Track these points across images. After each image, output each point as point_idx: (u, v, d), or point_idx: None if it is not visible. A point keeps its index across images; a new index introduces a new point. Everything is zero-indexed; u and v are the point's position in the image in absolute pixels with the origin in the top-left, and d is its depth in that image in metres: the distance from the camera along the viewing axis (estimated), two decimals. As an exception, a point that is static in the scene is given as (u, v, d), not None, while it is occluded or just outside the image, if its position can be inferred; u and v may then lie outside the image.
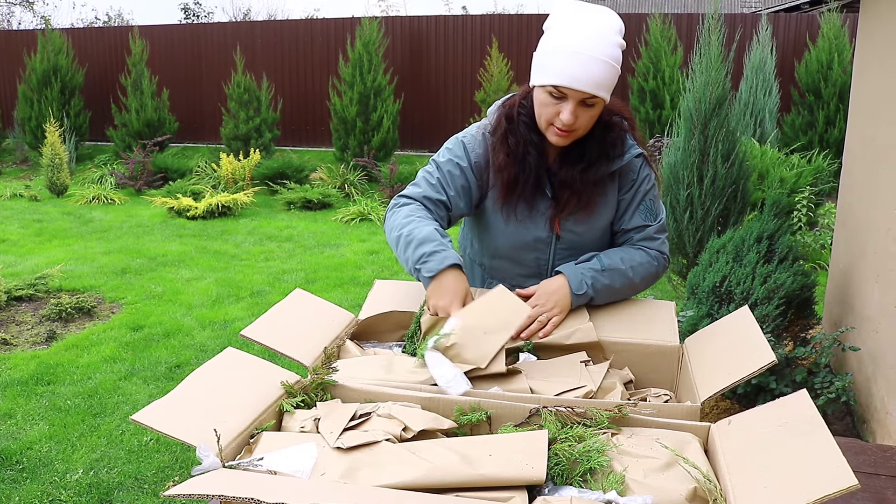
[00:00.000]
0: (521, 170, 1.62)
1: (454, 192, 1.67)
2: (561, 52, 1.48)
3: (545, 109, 1.55)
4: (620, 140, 1.65)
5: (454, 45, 10.69)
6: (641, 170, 1.69)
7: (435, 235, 1.51)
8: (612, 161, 1.64)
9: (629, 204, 1.70)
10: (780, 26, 9.56)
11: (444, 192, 1.67)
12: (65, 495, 2.69)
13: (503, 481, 1.02)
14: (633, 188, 1.69)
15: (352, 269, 5.83)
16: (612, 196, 1.69)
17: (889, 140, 2.91)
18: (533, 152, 1.62)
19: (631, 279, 1.65)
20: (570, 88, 1.48)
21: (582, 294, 1.59)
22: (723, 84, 4.17)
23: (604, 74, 1.48)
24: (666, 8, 17.27)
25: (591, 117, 1.55)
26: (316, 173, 9.63)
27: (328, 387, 1.31)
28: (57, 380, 3.67)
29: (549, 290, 1.60)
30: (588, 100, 1.51)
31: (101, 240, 6.72)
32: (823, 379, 2.90)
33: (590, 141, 1.62)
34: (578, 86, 1.47)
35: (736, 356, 1.34)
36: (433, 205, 1.66)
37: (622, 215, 1.72)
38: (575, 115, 1.51)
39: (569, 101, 1.50)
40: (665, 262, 1.73)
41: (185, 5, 24.53)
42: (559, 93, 1.51)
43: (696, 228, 4.25)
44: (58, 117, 10.30)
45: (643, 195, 1.70)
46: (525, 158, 1.62)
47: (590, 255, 1.67)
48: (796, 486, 0.94)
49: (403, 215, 1.60)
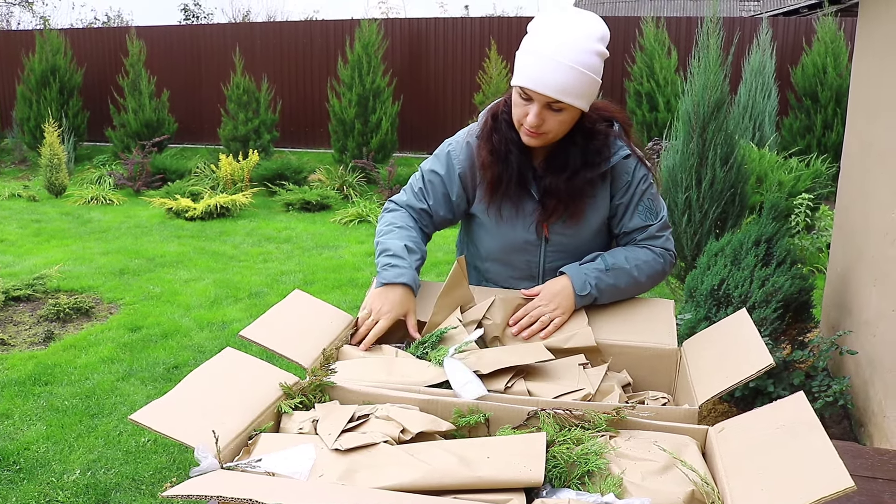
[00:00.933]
0: (504, 168, 1.64)
1: (434, 202, 1.75)
2: (530, 55, 1.50)
3: (516, 109, 1.58)
4: (606, 146, 1.64)
5: (453, 47, 10.70)
6: (636, 171, 1.68)
7: (402, 252, 1.62)
8: (596, 166, 1.63)
9: (627, 206, 1.70)
10: (777, 30, 9.58)
11: (425, 201, 1.75)
12: (62, 496, 2.68)
13: (501, 483, 1.02)
14: (630, 190, 1.69)
15: (350, 270, 5.84)
16: (602, 199, 1.69)
17: (887, 144, 2.92)
18: (515, 151, 1.63)
19: (636, 278, 1.65)
20: (533, 91, 1.49)
21: (585, 295, 1.60)
22: (721, 87, 4.18)
23: (570, 81, 1.47)
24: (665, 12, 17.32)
25: (560, 122, 1.54)
26: (314, 175, 9.63)
27: (326, 388, 1.31)
28: (54, 380, 3.67)
29: (553, 291, 1.61)
30: (553, 104, 1.50)
31: (99, 240, 6.72)
32: (821, 382, 2.90)
33: (573, 149, 1.62)
34: (540, 89, 1.48)
35: (734, 359, 1.34)
36: (416, 213, 1.77)
37: (621, 218, 1.71)
38: (541, 117, 1.52)
39: (534, 104, 1.51)
40: (671, 258, 1.73)
41: (185, 6, 24.54)
42: (525, 94, 1.52)
43: (694, 231, 4.26)
44: (56, 118, 10.29)
45: (640, 195, 1.69)
46: (507, 157, 1.64)
47: (594, 255, 1.68)
48: (793, 488, 0.94)
49: (386, 222, 1.73)
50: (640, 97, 9.19)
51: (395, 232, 1.69)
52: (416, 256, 1.64)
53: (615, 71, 9.61)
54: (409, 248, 1.64)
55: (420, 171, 1.78)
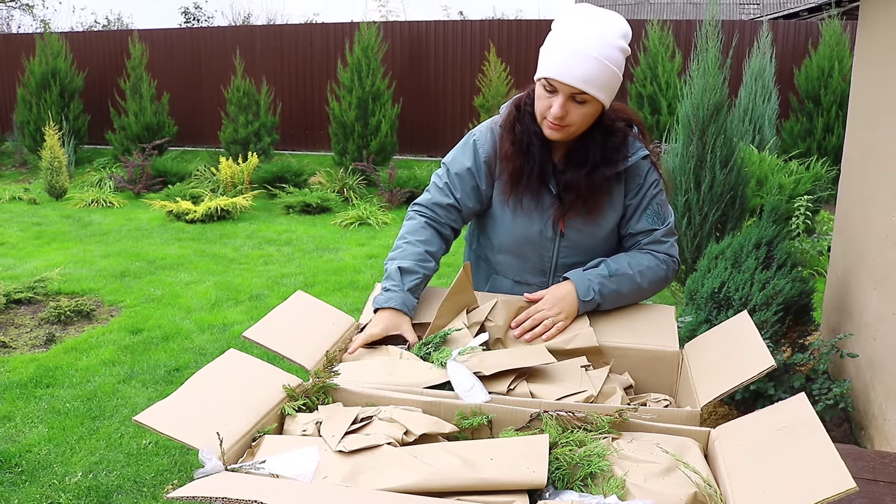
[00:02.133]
0: (526, 161, 1.66)
1: (462, 194, 1.74)
2: (557, 48, 1.52)
3: (540, 102, 1.59)
4: (624, 145, 1.66)
5: (453, 50, 10.71)
6: (649, 174, 1.71)
7: (396, 275, 1.62)
8: (615, 164, 1.65)
9: (636, 208, 1.71)
10: (778, 33, 9.59)
11: (451, 195, 1.74)
12: (63, 498, 2.68)
13: (504, 485, 1.03)
14: (641, 192, 1.71)
15: (351, 273, 5.84)
16: (617, 199, 1.71)
17: (887, 148, 2.92)
18: (536, 143, 1.65)
19: (639, 284, 1.66)
20: (558, 81, 1.52)
21: (589, 300, 1.61)
22: (720, 90, 4.19)
23: (595, 72, 1.50)
24: (665, 14, 17.33)
25: (583, 115, 1.57)
26: (315, 177, 9.63)
27: (329, 390, 1.31)
28: (56, 383, 3.67)
29: (557, 296, 1.62)
30: (577, 95, 1.53)
31: (99, 243, 6.72)
32: (821, 385, 2.90)
33: (593, 144, 1.64)
34: (566, 79, 1.50)
35: (735, 361, 1.35)
36: (443, 209, 1.75)
37: (629, 219, 1.73)
38: (564, 108, 1.54)
39: (559, 95, 1.53)
40: (675, 265, 1.74)
41: (185, 9, 24.56)
42: (550, 86, 1.54)
43: (694, 234, 4.26)
44: (57, 121, 10.30)
45: (650, 199, 1.71)
46: (529, 149, 1.65)
47: (598, 261, 1.68)
48: (795, 489, 0.95)
49: (399, 236, 1.74)
50: (641, 100, 9.19)
51: (401, 249, 1.69)
52: (411, 277, 1.63)
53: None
54: (405, 269, 1.63)
55: (444, 167, 1.78)
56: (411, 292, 1.61)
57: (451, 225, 1.77)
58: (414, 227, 1.74)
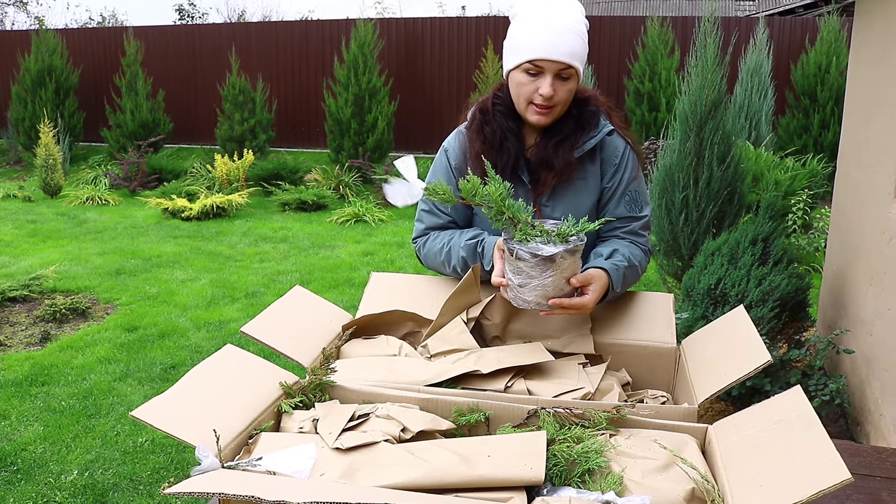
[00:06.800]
0: (500, 155, 1.65)
1: (451, 209, 1.75)
2: (532, 29, 1.52)
3: (523, 89, 1.57)
4: (598, 113, 1.67)
5: (449, 46, 10.70)
6: (625, 155, 1.70)
7: (470, 248, 1.65)
8: (587, 132, 1.64)
9: (614, 192, 1.70)
10: (775, 29, 9.60)
11: (442, 214, 1.75)
12: (59, 496, 2.68)
13: (502, 482, 1.02)
14: (617, 176, 1.69)
15: (347, 270, 5.83)
16: (593, 180, 1.69)
17: (882, 144, 2.93)
18: (511, 138, 1.65)
19: (638, 276, 1.67)
20: (545, 60, 1.52)
21: (618, 291, 1.58)
22: (718, 87, 4.19)
23: (577, 45, 1.53)
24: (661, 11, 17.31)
25: (568, 91, 1.58)
26: (311, 174, 9.61)
27: (326, 387, 1.31)
28: (51, 381, 3.66)
29: (599, 290, 1.51)
30: (563, 71, 1.54)
31: (95, 241, 6.70)
32: (818, 381, 2.91)
33: (567, 119, 1.64)
34: (554, 56, 1.51)
35: (732, 357, 1.35)
36: (441, 230, 1.76)
37: (607, 202, 1.71)
38: (554, 87, 1.54)
39: (546, 75, 1.54)
40: (649, 259, 1.75)
41: (180, 6, 24.46)
42: (536, 68, 1.54)
43: (691, 230, 4.26)
44: (52, 118, 10.26)
45: (627, 183, 1.70)
46: (503, 144, 1.65)
47: (610, 250, 1.64)
48: (792, 483, 0.95)
49: (434, 246, 1.72)
50: (639, 96, 9.16)
51: (447, 249, 1.69)
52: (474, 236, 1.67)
53: (614, 69, 9.63)
54: (469, 239, 1.67)
55: (423, 192, 1.77)
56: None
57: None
58: (432, 240, 1.74)
